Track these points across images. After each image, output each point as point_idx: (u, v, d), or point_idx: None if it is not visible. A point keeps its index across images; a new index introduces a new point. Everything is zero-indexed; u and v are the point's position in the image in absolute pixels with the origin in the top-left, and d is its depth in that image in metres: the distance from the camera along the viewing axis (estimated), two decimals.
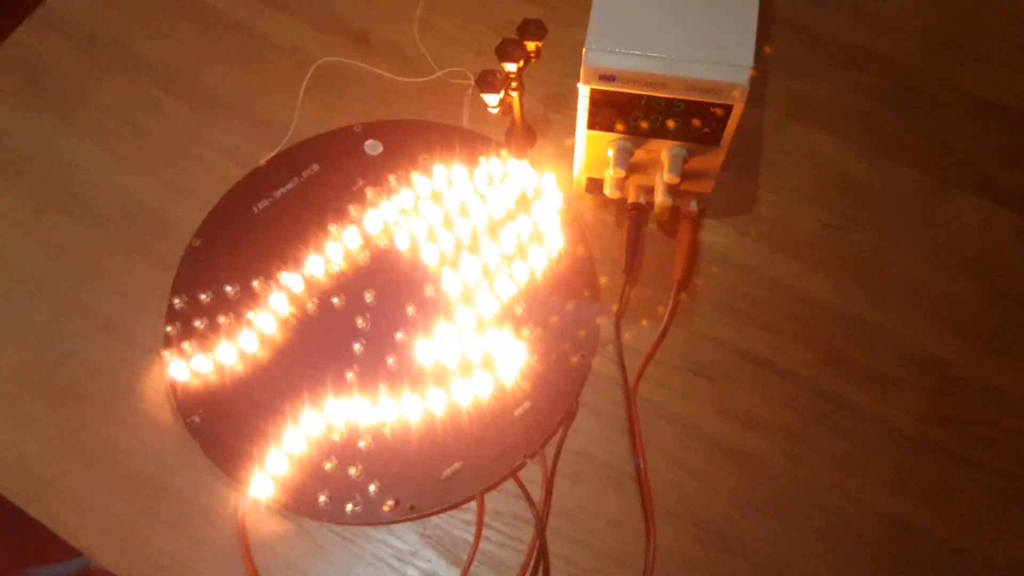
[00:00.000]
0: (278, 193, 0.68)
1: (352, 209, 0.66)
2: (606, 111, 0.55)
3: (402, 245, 0.65)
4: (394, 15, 0.76)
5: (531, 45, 0.60)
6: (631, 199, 0.63)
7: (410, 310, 0.62)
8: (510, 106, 0.65)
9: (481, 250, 0.63)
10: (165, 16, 0.77)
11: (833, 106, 0.71)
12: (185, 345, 0.61)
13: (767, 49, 0.71)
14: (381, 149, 0.69)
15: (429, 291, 0.63)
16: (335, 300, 0.63)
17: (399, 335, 0.61)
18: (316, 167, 0.69)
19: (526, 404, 0.59)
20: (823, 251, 0.65)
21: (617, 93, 0.53)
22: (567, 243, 0.64)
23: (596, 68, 0.52)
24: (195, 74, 0.74)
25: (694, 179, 0.60)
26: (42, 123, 0.72)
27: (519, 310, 0.62)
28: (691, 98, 0.52)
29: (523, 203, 0.66)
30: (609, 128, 0.56)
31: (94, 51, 0.76)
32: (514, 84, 0.62)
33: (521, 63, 0.60)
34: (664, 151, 0.57)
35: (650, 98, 0.53)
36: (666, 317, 0.61)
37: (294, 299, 0.63)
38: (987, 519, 0.56)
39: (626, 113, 0.55)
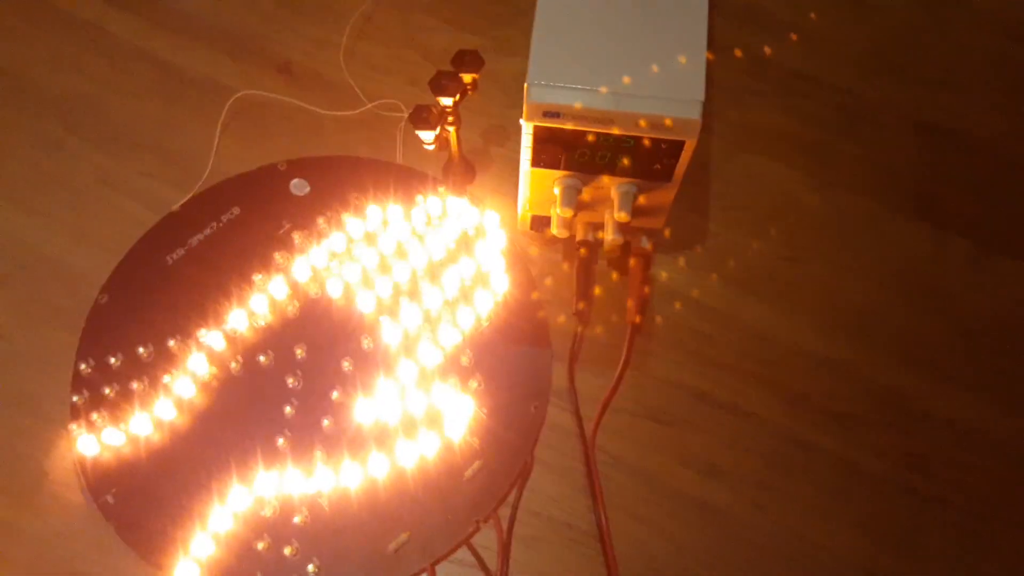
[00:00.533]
0: (194, 240, 0.62)
1: (278, 256, 0.61)
2: (551, 148, 0.51)
3: (335, 293, 0.60)
4: (318, 43, 0.71)
5: (467, 77, 0.57)
6: (579, 236, 0.60)
7: (346, 365, 0.57)
8: (447, 141, 0.61)
9: (421, 295, 0.59)
10: (70, 48, 0.70)
11: (779, 133, 0.69)
12: (94, 416, 0.54)
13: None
14: (308, 189, 0.64)
15: (366, 343, 0.58)
16: (262, 358, 0.57)
17: (335, 394, 0.56)
18: (236, 210, 0.63)
19: (476, 463, 0.55)
20: (777, 284, 0.63)
21: (562, 130, 0.49)
22: (513, 285, 0.61)
23: (539, 104, 0.48)
24: (102, 110, 0.68)
25: (645, 215, 0.57)
26: None
27: (465, 360, 0.58)
28: (641, 135, 0.49)
29: (465, 243, 0.61)
30: (554, 165, 0.53)
31: None
32: (450, 119, 0.58)
33: (457, 97, 0.56)
34: (613, 188, 0.54)
35: (598, 134, 0.49)
36: (621, 361, 0.58)
37: (215, 359, 0.57)
38: (960, 561, 0.54)
39: (572, 149, 0.51)
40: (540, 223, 0.61)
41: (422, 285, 0.59)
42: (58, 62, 0.70)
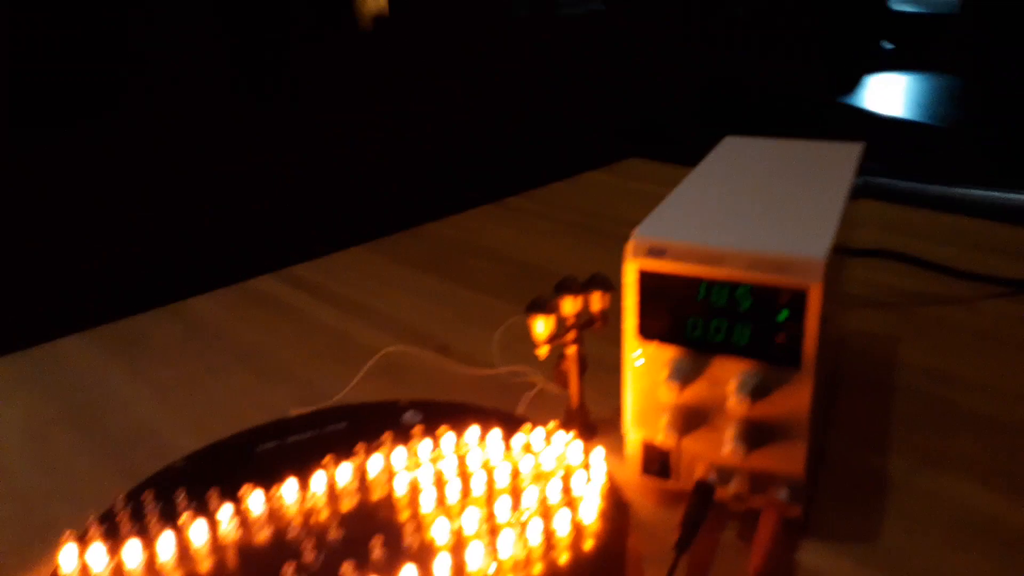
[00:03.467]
0: (291, 439, 0.59)
1: (360, 451, 0.55)
2: (658, 309, 0.46)
3: (399, 489, 0.52)
4: (475, 338, 0.75)
5: (596, 302, 0.56)
6: (698, 474, 0.48)
7: (375, 551, 0.46)
8: (565, 377, 0.57)
9: (495, 507, 0.49)
10: (268, 314, 0.81)
11: (968, 457, 0.56)
12: (92, 532, 0.47)
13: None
14: (420, 418, 0.61)
15: (410, 537, 0.47)
16: (291, 531, 0.48)
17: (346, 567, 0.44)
18: (343, 424, 0.61)
19: None
20: None
21: (671, 285, 0.45)
22: (603, 523, 0.48)
23: (645, 239, 0.46)
24: (273, 355, 0.74)
25: (777, 444, 0.46)
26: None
27: None
28: (756, 278, 0.43)
29: (562, 475, 0.52)
30: (662, 334, 0.47)
31: (197, 330, 0.79)
32: (571, 338, 0.55)
33: (580, 306, 0.54)
34: (732, 380, 0.46)
35: (709, 289, 0.45)
36: None
37: (246, 519, 0.49)
38: None
39: (682, 312, 0.46)
40: (654, 462, 0.51)
41: (498, 501, 0.50)
42: (256, 324, 0.80)
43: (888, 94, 3.92)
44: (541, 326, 0.54)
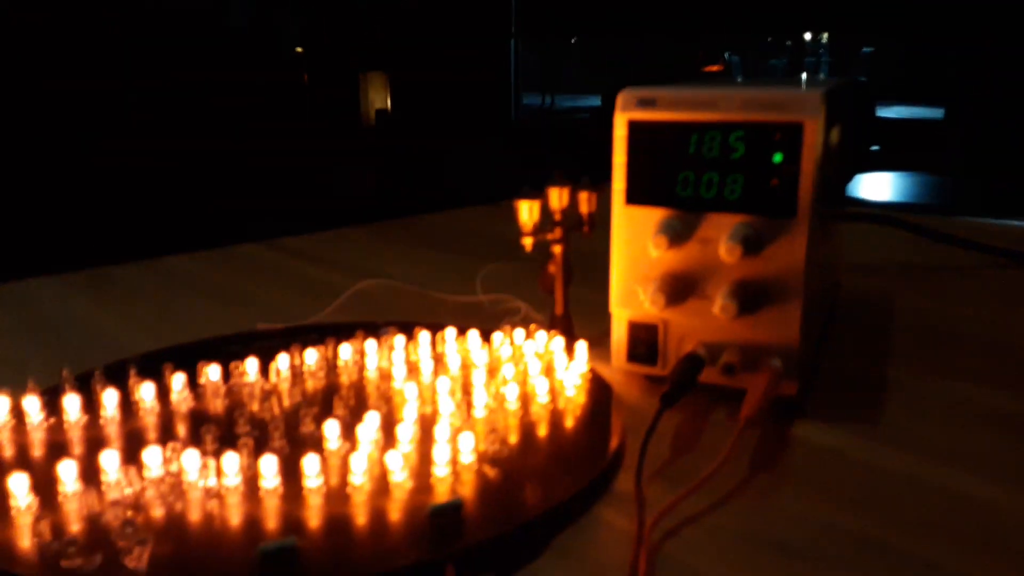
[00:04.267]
0: (257, 344, 0.56)
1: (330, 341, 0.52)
2: (647, 166, 0.44)
3: (371, 371, 0.48)
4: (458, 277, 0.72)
5: (584, 203, 0.54)
6: (687, 349, 0.45)
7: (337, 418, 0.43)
8: (551, 281, 0.55)
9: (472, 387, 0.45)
10: (248, 269, 0.79)
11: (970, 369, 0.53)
12: None
13: None
14: (396, 332, 0.58)
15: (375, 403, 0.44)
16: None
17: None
18: (313, 335, 0.57)
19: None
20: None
21: (661, 136, 0.44)
22: (585, 398, 0.45)
23: (634, 92, 0.44)
24: (248, 293, 0.71)
25: (771, 309, 0.43)
26: None
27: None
28: (750, 117, 0.41)
29: (544, 367, 0.49)
30: (653, 198, 0.45)
31: (170, 278, 0.76)
32: (558, 236, 0.53)
33: (566, 201, 0.53)
34: (723, 237, 0.43)
35: (701, 139, 0.43)
36: (722, 456, 0.37)
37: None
38: None
39: (672, 169, 0.44)
40: (640, 342, 0.48)
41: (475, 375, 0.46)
42: (227, 274, 0.77)
43: (877, 190, 4.09)
44: (526, 211, 0.51)
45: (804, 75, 0.48)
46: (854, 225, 0.86)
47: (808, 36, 7.14)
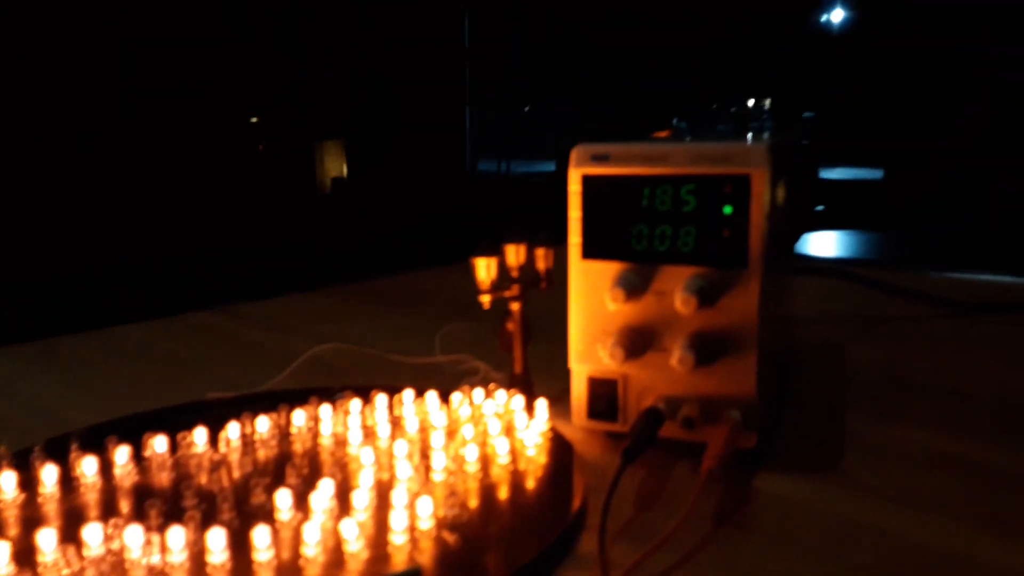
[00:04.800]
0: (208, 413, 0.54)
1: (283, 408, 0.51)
2: (602, 220, 0.45)
3: (325, 440, 0.47)
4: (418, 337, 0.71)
5: (541, 260, 0.54)
6: (647, 404, 0.45)
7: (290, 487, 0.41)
8: (510, 339, 0.54)
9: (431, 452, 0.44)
10: (200, 336, 0.77)
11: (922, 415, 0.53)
12: None
13: None
14: (352, 396, 0.56)
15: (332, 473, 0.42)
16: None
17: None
18: (271, 403, 0.56)
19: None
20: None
21: (614, 190, 0.44)
22: (546, 457, 0.44)
23: (588, 148, 0.45)
24: (199, 359, 0.69)
25: (728, 360, 0.43)
26: None
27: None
28: (699, 170, 0.42)
29: (504, 427, 0.48)
30: (608, 249, 0.45)
31: (120, 344, 0.74)
32: (516, 293, 0.53)
33: (523, 258, 0.53)
34: (679, 288, 0.43)
35: (653, 192, 0.44)
36: (686, 508, 0.36)
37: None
38: None
39: (626, 224, 0.44)
40: (600, 398, 0.47)
41: (434, 437, 0.45)
42: (178, 341, 0.75)
43: (824, 247, 4.22)
44: (484, 269, 0.51)
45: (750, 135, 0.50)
46: (805, 279, 0.87)
47: (751, 102, 7.42)
